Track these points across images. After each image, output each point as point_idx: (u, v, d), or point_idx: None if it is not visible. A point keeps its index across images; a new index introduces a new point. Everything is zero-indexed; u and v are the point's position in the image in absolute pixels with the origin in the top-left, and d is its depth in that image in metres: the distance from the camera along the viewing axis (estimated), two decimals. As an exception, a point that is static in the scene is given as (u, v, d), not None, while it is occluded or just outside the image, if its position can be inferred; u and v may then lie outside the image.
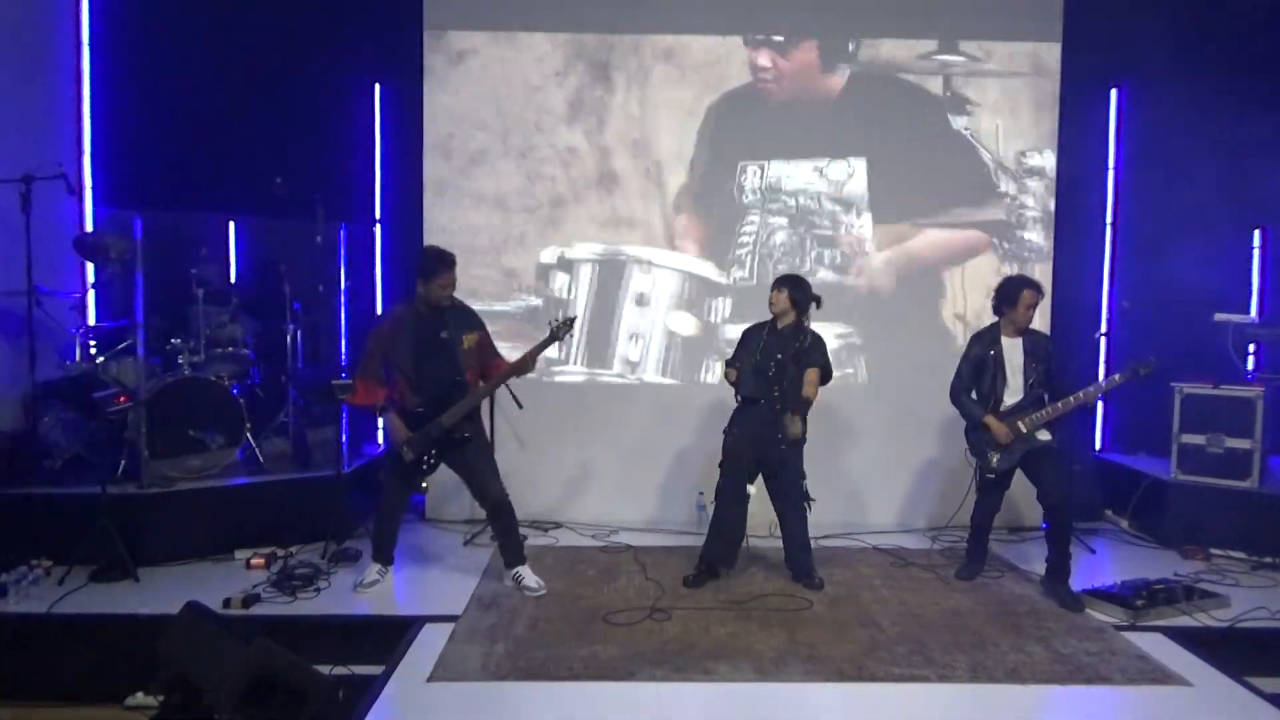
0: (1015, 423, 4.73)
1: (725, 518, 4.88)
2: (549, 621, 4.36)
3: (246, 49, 6.33)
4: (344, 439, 5.58)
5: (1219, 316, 5.94)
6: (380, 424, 6.70)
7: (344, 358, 6.48)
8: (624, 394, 6.30)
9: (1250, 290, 6.50)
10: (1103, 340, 6.57)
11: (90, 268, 6.07)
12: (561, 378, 6.30)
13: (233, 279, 6.61)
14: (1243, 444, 5.52)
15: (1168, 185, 6.45)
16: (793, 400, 4.75)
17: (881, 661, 3.95)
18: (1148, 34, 6.41)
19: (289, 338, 6.09)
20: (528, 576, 4.77)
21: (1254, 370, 6.06)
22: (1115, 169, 6.65)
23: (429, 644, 4.07)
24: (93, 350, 5.72)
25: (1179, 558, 5.46)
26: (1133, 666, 3.92)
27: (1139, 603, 4.43)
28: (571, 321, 4.65)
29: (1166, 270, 6.24)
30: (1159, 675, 3.85)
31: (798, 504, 4.87)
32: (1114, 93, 6.62)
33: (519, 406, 4.91)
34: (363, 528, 5.54)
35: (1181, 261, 6.16)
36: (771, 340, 4.83)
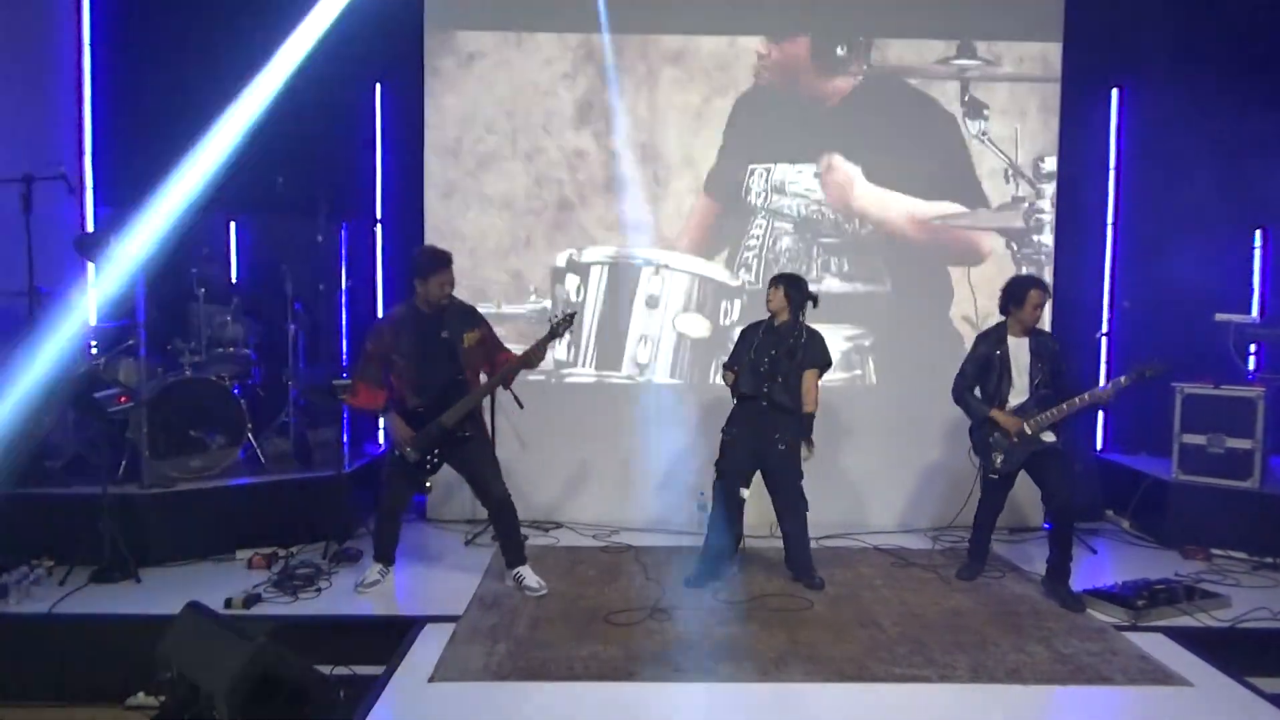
0: (1023, 422, 4.72)
1: (722, 518, 4.88)
2: (550, 622, 4.36)
3: (247, 49, 6.32)
4: (345, 439, 5.59)
5: (1220, 316, 5.94)
6: (381, 424, 6.71)
7: (345, 357, 6.48)
8: (625, 394, 6.29)
9: (1251, 290, 6.50)
10: (1103, 340, 6.57)
11: (91, 268, 6.06)
12: (570, 379, 6.28)
13: (234, 279, 6.61)
14: (1244, 444, 5.52)
15: (1168, 185, 6.45)
16: (787, 398, 4.76)
17: (882, 662, 3.95)
18: (1148, 34, 6.42)
19: (290, 338, 6.09)
20: (529, 576, 4.77)
21: (1255, 370, 6.07)
22: (1116, 169, 6.65)
23: (430, 644, 4.08)
24: (94, 350, 5.72)
25: (1180, 558, 5.46)
26: (1134, 667, 3.92)
27: (1140, 603, 4.43)
28: (571, 317, 4.64)
29: (1167, 270, 6.25)
30: (1160, 676, 3.85)
31: (797, 504, 4.87)
32: (1114, 93, 6.62)
33: (520, 406, 4.91)
34: (364, 528, 5.55)
35: (1182, 261, 6.16)
36: (767, 338, 4.86)
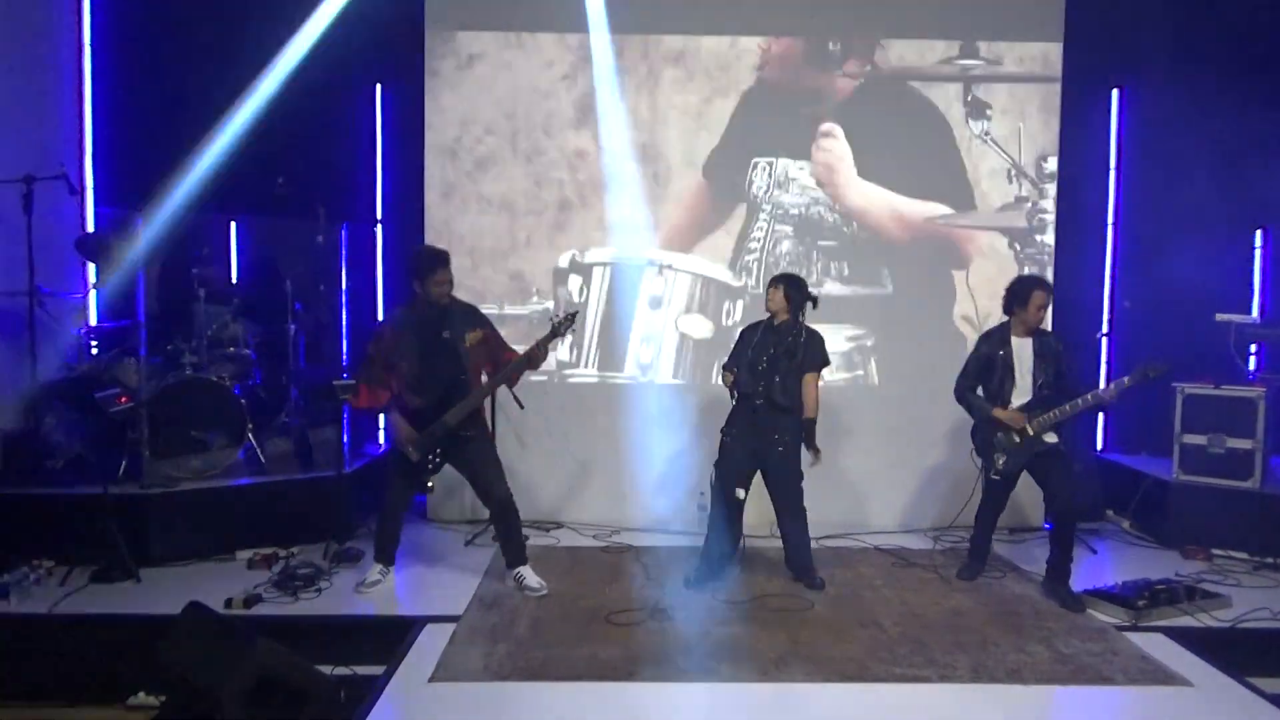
0: (1025, 422, 4.70)
1: (721, 519, 4.88)
2: (550, 622, 4.36)
3: (247, 49, 6.33)
4: (345, 439, 5.59)
5: (1220, 317, 5.94)
6: (382, 424, 6.72)
7: (345, 358, 6.48)
8: (625, 394, 6.28)
9: (1251, 290, 6.50)
10: (1103, 340, 6.57)
11: (92, 268, 6.07)
12: (572, 380, 6.28)
13: (234, 279, 6.62)
14: (1244, 444, 5.52)
15: (1168, 185, 6.45)
16: (785, 398, 4.75)
17: (883, 662, 3.95)
18: (1148, 34, 6.42)
19: (290, 338, 6.09)
20: (529, 577, 4.77)
21: (1255, 370, 6.06)
22: (1116, 169, 6.65)
23: (430, 644, 4.07)
24: (94, 350, 5.73)
25: (1180, 558, 5.45)
26: (1134, 667, 3.92)
27: (1140, 603, 4.42)
28: (573, 316, 4.64)
29: (1167, 270, 6.25)
30: (1160, 676, 3.85)
31: (796, 504, 4.86)
32: (1115, 93, 6.61)
33: (520, 406, 4.91)
34: (364, 528, 5.55)
35: (1182, 261, 6.16)
36: (766, 337, 4.85)
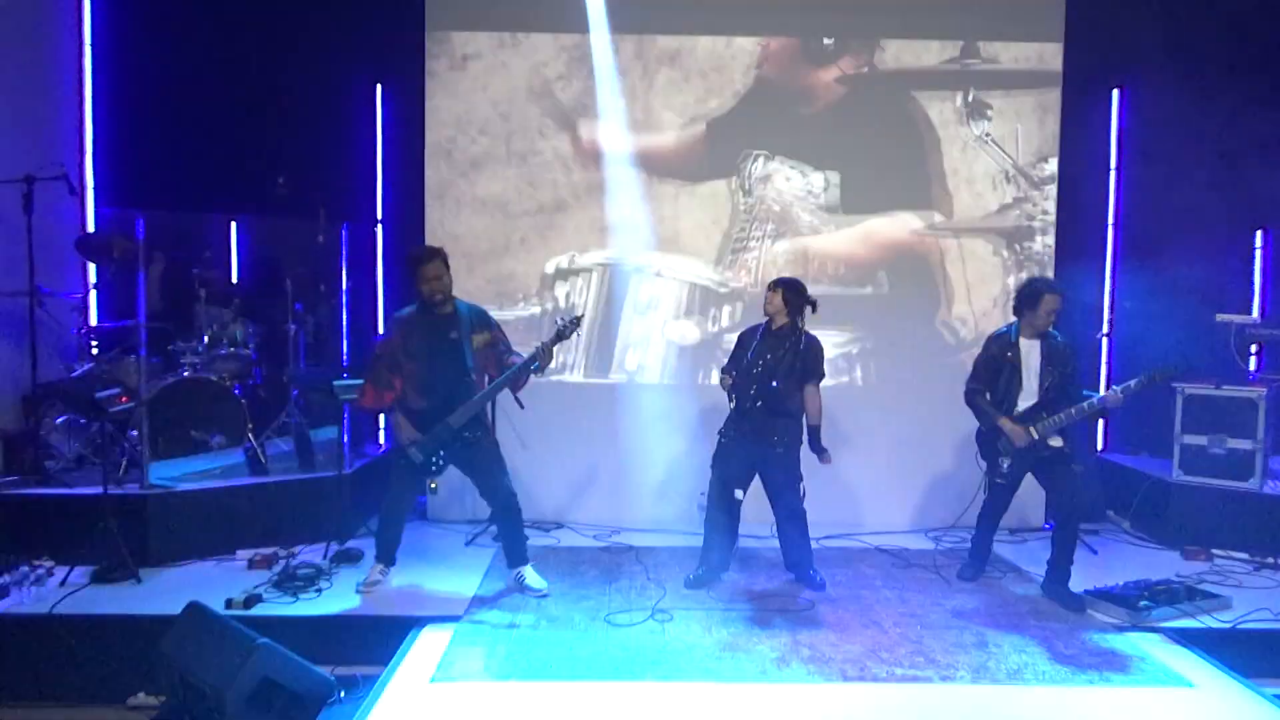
0: (1029, 429, 4.68)
1: (720, 519, 4.87)
2: (551, 622, 4.36)
3: (248, 49, 6.34)
4: (345, 439, 5.58)
5: (1221, 317, 5.93)
6: (382, 423, 6.72)
7: (345, 358, 6.48)
8: (627, 395, 6.28)
9: (1252, 290, 6.49)
10: (1103, 340, 6.56)
11: (92, 268, 6.08)
12: (572, 381, 6.26)
13: (234, 279, 6.62)
14: (1244, 445, 5.52)
15: (1168, 185, 6.44)
16: (785, 403, 4.74)
17: (883, 662, 3.95)
18: (1148, 34, 6.41)
19: (290, 338, 6.10)
20: (530, 576, 4.77)
21: (1256, 371, 6.06)
22: (1116, 169, 6.65)
23: (431, 644, 4.08)
24: (94, 350, 5.73)
25: (1181, 559, 5.44)
26: (1134, 667, 3.92)
27: (1141, 604, 4.42)
28: (579, 320, 4.63)
29: (1167, 270, 6.24)
30: (1161, 676, 3.85)
31: (795, 505, 4.84)
32: (1115, 93, 6.61)
33: (521, 407, 4.91)
34: (364, 527, 5.55)
35: (1183, 262, 6.16)
36: (765, 342, 4.82)
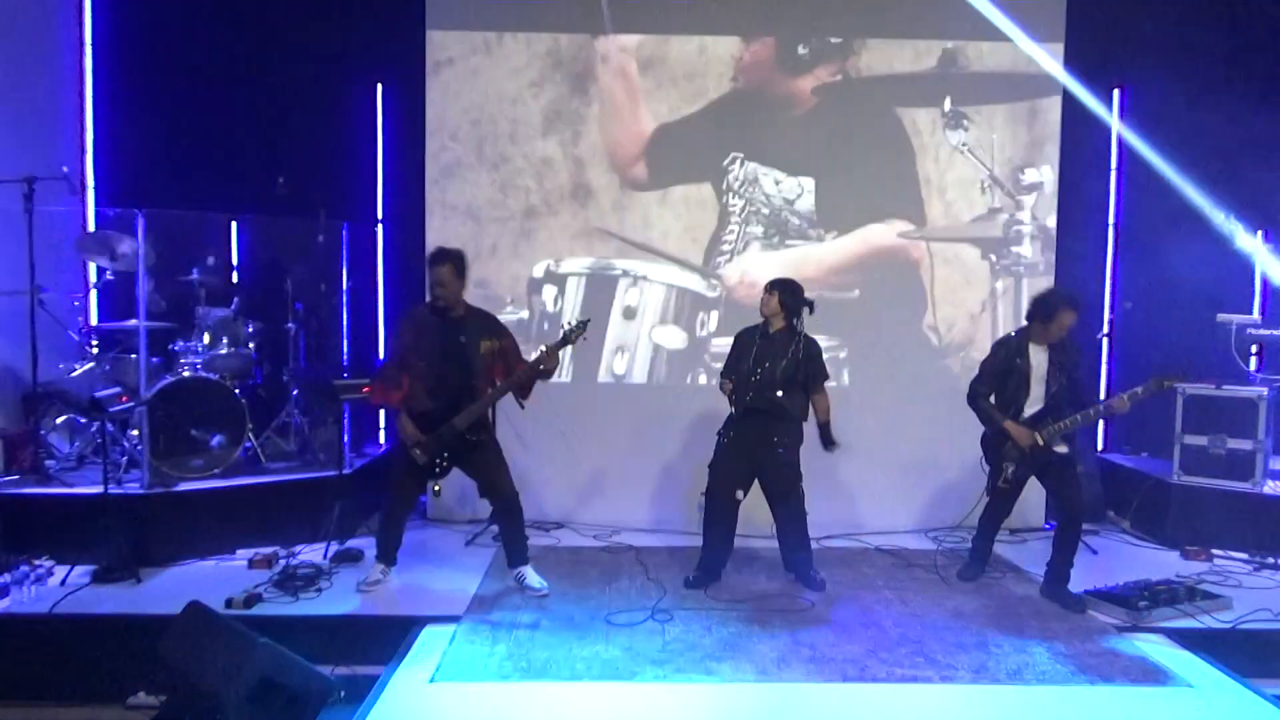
0: (1035, 434, 4.67)
1: (719, 519, 4.87)
2: (551, 622, 4.36)
3: (248, 49, 6.34)
4: (346, 439, 5.58)
5: (1221, 317, 5.93)
6: (382, 423, 6.72)
7: (345, 357, 6.48)
8: (627, 396, 6.28)
9: (1252, 291, 6.49)
10: (1104, 340, 6.56)
11: (92, 268, 6.07)
12: (573, 381, 6.24)
13: (234, 279, 6.61)
14: (1245, 445, 5.52)
15: (1168, 185, 6.44)
16: (786, 406, 4.73)
17: (883, 662, 3.95)
18: (1148, 35, 6.41)
19: (290, 337, 6.09)
20: (530, 576, 4.77)
21: (1256, 371, 6.05)
22: (1117, 169, 6.65)
23: (431, 644, 4.08)
24: (94, 350, 5.73)
25: (1181, 559, 5.45)
26: (1134, 668, 3.92)
27: (1141, 604, 4.42)
28: (585, 324, 4.61)
29: (1167, 270, 6.24)
30: (1161, 677, 3.85)
31: (796, 505, 4.84)
32: (1115, 93, 6.61)
33: (521, 407, 4.91)
34: (364, 527, 5.55)
35: (1183, 262, 6.15)
36: (763, 346, 4.79)
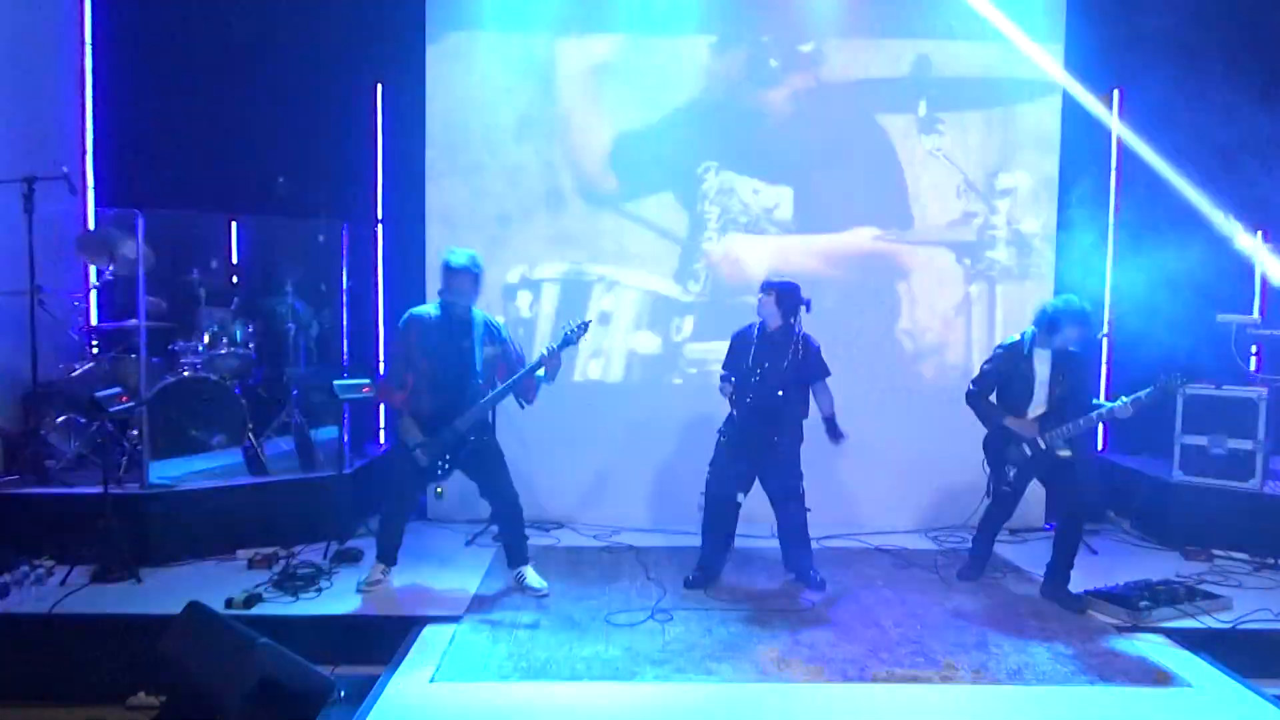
0: (1039, 436, 4.68)
1: (719, 519, 4.87)
2: (551, 622, 4.37)
3: (248, 49, 6.34)
4: (345, 439, 5.58)
5: (1222, 317, 5.93)
6: (382, 423, 6.72)
7: (345, 358, 6.48)
8: (628, 395, 6.28)
9: (1252, 290, 6.49)
10: (1104, 341, 6.56)
11: (92, 268, 6.07)
12: (575, 380, 6.24)
13: (235, 279, 6.61)
14: (1245, 445, 5.52)
15: (1168, 185, 6.43)
16: (787, 407, 4.73)
17: (884, 662, 3.95)
18: (1148, 35, 6.40)
19: (290, 338, 6.09)
20: (530, 576, 4.78)
21: (1256, 371, 6.05)
22: (1116, 170, 6.64)
23: (431, 644, 4.08)
24: (94, 350, 5.72)
25: (1181, 559, 5.45)
26: (1135, 668, 3.92)
27: (1141, 604, 4.42)
28: (586, 325, 4.63)
29: (1168, 271, 6.23)
30: (1161, 677, 3.85)
31: (797, 504, 4.84)
32: (1115, 94, 6.60)
33: (521, 407, 4.91)
34: (364, 527, 5.55)
35: (1183, 262, 6.14)
36: (762, 347, 4.78)
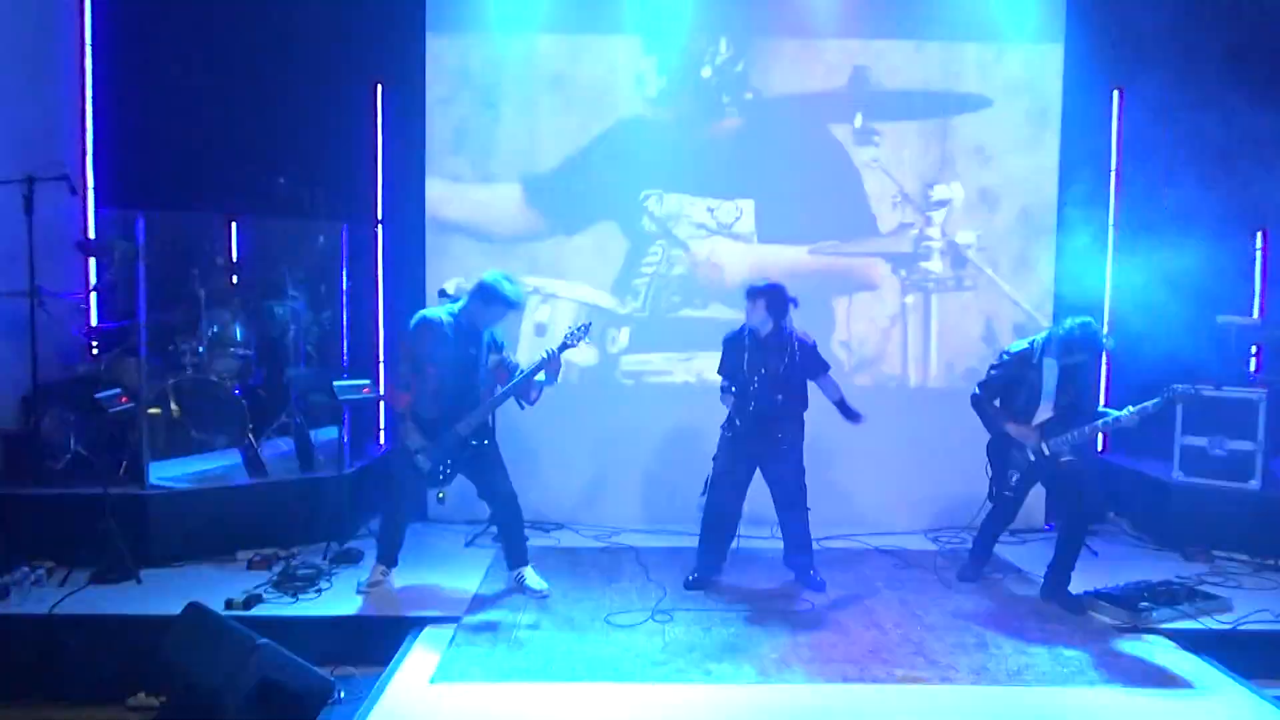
0: (1043, 444, 4.67)
1: (714, 520, 4.87)
2: (551, 622, 4.37)
3: (248, 49, 6.33)
4: (345, 440, 5.58)
5: (1222, 318, 5.93)
6: (382, 424, 6.71)
7: (345, 358, 6.48)
8: (628, 395, 6.28)
9: (1252, 292, 6.49)
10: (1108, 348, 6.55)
11: (92, 268, 6.07)
12: (575, 380, 6.22)
13: (235, 279, 6.60)
14: (1245, 446, 5.52)
15: (1169, 187, 6.44)
16: (789, 406, 4.73)
17: (883, 663, 3.95)
18: (1148, 36, 6.40)
19: (291, 338, 6.08)
20: (530, 577, 4.78)
21: (1256, 372, 6.05)
22: (1116, 170, 6.64)
23: (430, 644, 4.08)
24: (94, 350, 5.72)
25: (1181, 560, 5.45)
26: (1135, 669, 3.92)
27: (1141, 605, 4.42)
28: (586, 327, 4.63)
29: (1168, 272, 6.23)
30: (1161, 678, 3.85)
31: (799, 502, 4.84)
32: (1115, 94, 6.60)
33: (521, 407, 4.91)
34: (364, 528, 5.55)
35: (1183, 263, 6.14)
36: (756, 353, 4.76)
